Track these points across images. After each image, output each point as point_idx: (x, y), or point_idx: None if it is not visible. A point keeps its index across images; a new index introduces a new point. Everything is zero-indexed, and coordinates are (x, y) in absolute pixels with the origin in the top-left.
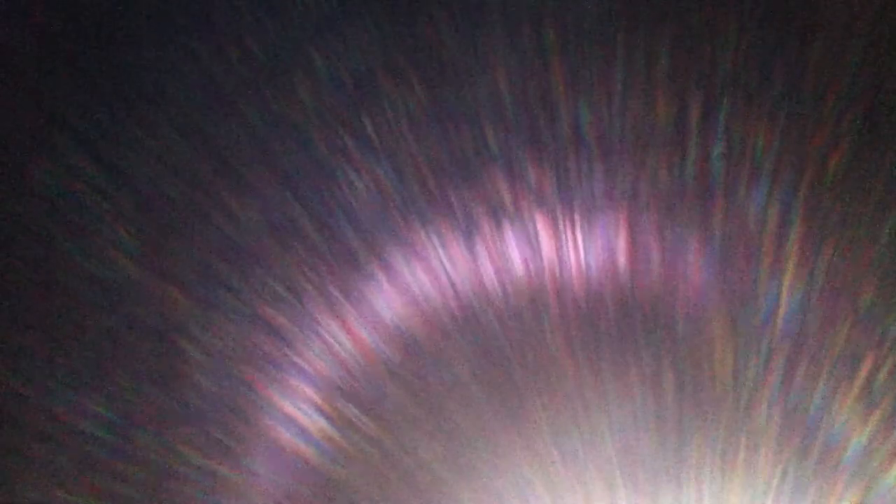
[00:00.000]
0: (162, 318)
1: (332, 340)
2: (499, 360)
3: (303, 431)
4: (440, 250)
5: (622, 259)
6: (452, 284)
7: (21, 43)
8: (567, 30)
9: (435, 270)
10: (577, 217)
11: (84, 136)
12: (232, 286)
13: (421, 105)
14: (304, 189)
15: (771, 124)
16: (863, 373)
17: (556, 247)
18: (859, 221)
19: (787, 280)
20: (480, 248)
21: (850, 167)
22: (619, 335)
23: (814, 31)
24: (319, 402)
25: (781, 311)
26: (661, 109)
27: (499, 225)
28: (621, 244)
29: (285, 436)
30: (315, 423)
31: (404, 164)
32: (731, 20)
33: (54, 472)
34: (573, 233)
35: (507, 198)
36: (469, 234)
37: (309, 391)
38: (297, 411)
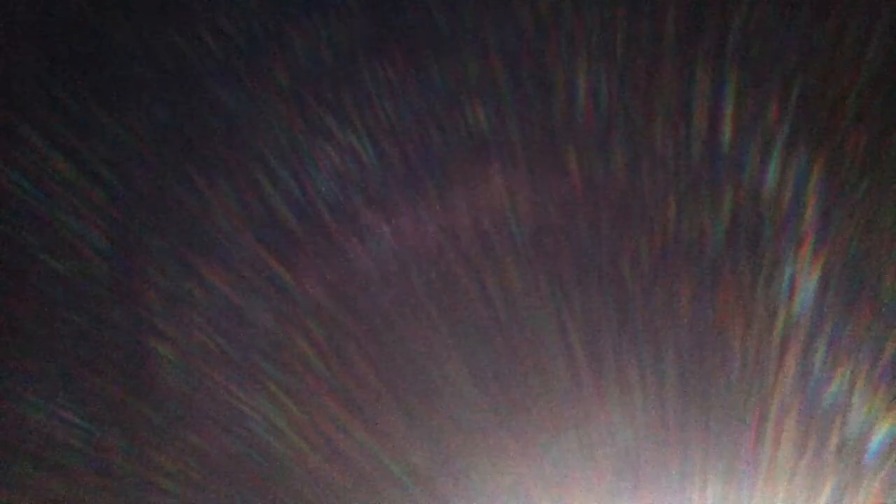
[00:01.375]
0: (133, 318)
1: (312, 336)
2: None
3: (281, 434)
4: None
5: (626, 243)
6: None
7: None
8: None
9: (416, 245)
10: (576, 199)
11: (51, 127)
12: (206, 281)
13: (406, 85)
14: (281, 176)
15: (783, 100)
16: (884, 361)
17: (553, 222)
18: (880, 203)
19: (801, 263)
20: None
21: (871, 147)
22: (620, 323)
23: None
24: (299, 402)
25: (796, 296)
26: (667, 84)
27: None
28: (624, 224)
29: (264, 440)
30: (295, 424)
31: (387, 145)
32: None
33: (22, 483)
34: (574, 210)
35: (505, 190)
36: (454, 221)
37: (287, 390)
38: (275, 413)
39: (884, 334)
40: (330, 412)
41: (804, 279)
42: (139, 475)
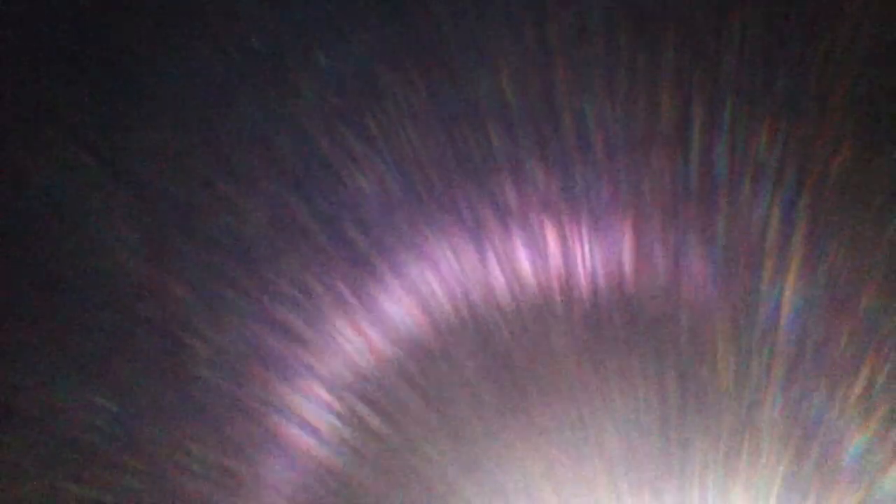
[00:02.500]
0: (165, 315)
1: (337, 337)
2: (505, 362)
3: (310, 428)
4: (447, 251)
5: (626, 262)
6: (460, 285)
7: (17, 39)
8: (570, 29)
9: (442, 271)
10: (581, 219)
11: (84, 132)
12: (236, 282)
13: (423, 103)
14: (307, 186)
15: (774, 126)
16: (863, 375)
17: (560, 248)
18: (862, 224)
19: (789, 283)
20: (487, 250)
21: (852, 169)
22: (624, 338)
23: (817, 33)
24: (326, 398)
25: (784, 314)
26: (665, 110)
27: (504, 226)
28: (625, 246)
29: (291, 432)
30: (322, 419)
31: (407, 162)
32: (734, 20)
33: (59, 464)
34: (578, 234)
35: (512, 199)
36: (475, 235)
37: (315, 388)
38: (303, 408)
39: (863, 351)
40: (354, 408)
41: (791, 299)
42: (170, 459)
